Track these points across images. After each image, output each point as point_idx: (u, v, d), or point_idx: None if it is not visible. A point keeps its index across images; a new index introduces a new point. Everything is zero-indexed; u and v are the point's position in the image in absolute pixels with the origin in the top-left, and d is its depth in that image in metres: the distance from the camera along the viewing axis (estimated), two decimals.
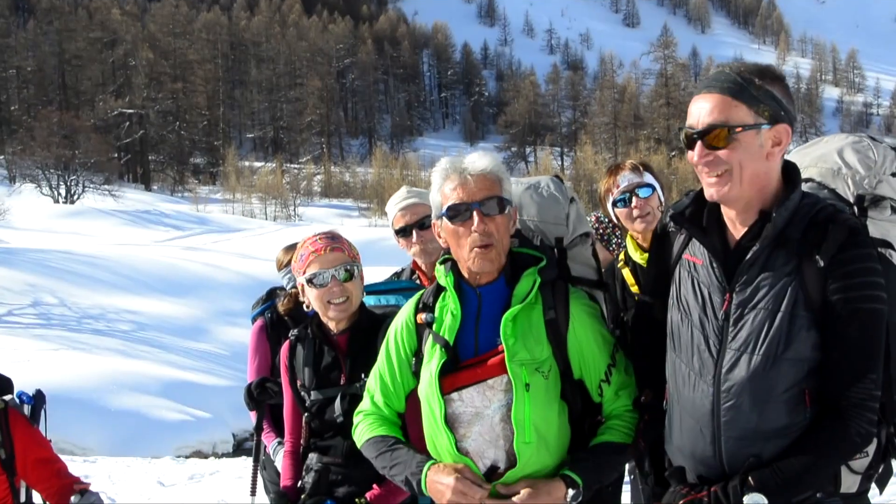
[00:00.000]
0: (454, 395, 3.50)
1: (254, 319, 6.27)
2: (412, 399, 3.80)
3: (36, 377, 17.62)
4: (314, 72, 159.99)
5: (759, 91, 3.07)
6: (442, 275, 3.65)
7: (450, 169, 3.57)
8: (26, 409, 4.71)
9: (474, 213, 3.45)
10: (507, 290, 3.55)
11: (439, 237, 3.64)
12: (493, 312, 3.51)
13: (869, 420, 3.00)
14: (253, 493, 6.23)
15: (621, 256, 5.36)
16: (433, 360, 3.56)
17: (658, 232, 3.56)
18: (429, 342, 3.63)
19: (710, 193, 3.14)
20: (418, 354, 3.71)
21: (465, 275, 3.60)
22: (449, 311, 3.59)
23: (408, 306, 3.82)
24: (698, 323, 3.23)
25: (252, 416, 6.04)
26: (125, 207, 78.38)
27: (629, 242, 5.25)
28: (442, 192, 3.55)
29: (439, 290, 3.69)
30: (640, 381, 3.61)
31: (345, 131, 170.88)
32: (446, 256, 3.69)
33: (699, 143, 3.09)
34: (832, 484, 3.14)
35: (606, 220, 6.62)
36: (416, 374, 3.73)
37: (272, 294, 6.31)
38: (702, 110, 3.09)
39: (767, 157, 3.11)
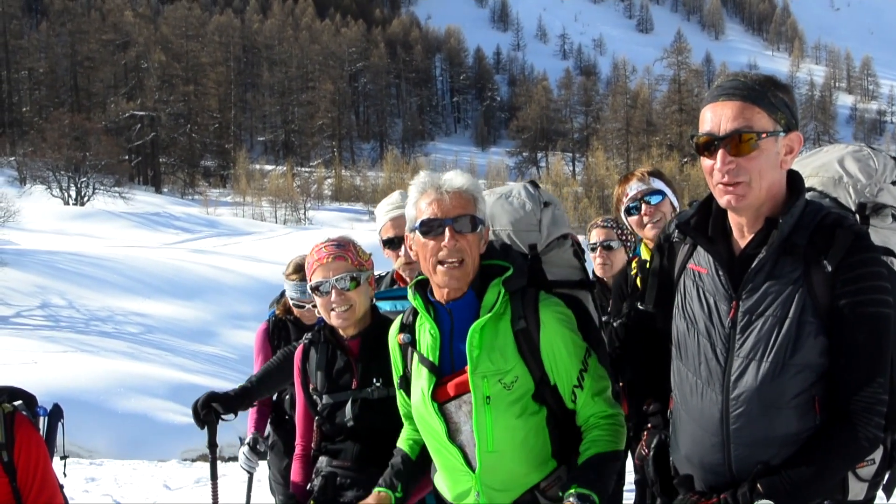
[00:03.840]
0: None
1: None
2: None
3: (44, 379, 17.68)
4: (326, 75, 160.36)
5: (775, 98, 3.07)
6: (411, 297, 3.71)
7: (427, 184, 3.62)
8: (42, 423, 4.69)
9: (446, 230, 3.50)
10: (477, 304, 3.59)
11: (411, 249, 3.69)
12: (465, 328, 3.56)
13: (877, 424, 2.99)
14: None
15: (634, 264, 5.35)
16: (421, 379, 3.65)
17: (661, 242, 3.57)
18: (415, 362, 3.73)
19: (726, 201, 3.11)
20: (404, 373, 3.83)
21: (435, 291, 3.65)
22: (427, 331, 3.66)
23: (394, 327, 3.91)
24: (704, 331, 3.22)
25: (249, 427, 6.08)
26: (135, 210, 78.76)
27: (644, 251, 5.25)
28: (417, 206, 3.61)
29: (416, 309, 3.74)
30: (640, 391, 3.66)
31: (356, 135, 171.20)
32: (418, 279, 3.76)
33: (721, 150, 3.06)
34: (840, 491, 3.13)
35: (625, 225, 6.62)
36: (407, 392, 3.84)
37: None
38: (723, 116, 3.06)
39: (781, 164, 3.11)
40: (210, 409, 5.27)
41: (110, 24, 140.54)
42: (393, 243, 4.95)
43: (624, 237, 6.59)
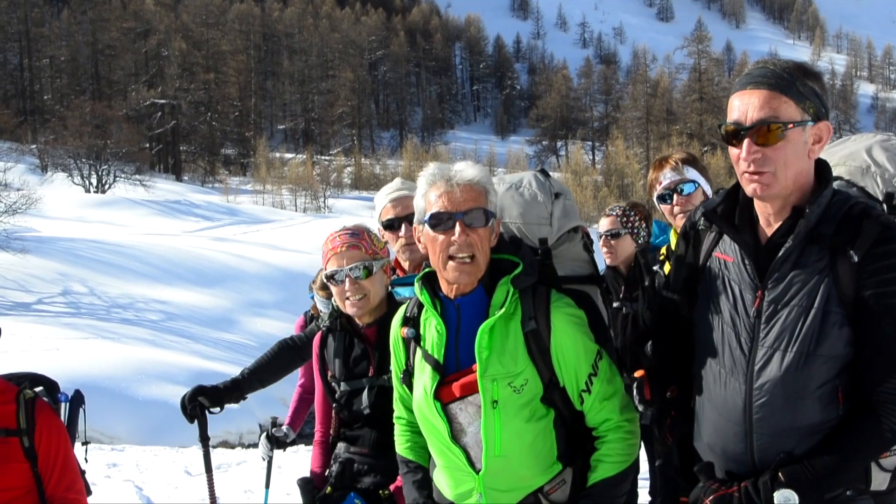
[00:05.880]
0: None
1: None
2: None
3: (65, 366, 17.77)
4: (346, 63, 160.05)
5: (804, 87, 3.03)
6: (418, 291, 3.61)
7: (437, 175, 3.51)
8: (63, 409, 4.72)
9: (457, 224, 3.40)
10: (487, 300, 3.50)
11: (419, 242, 3.59)
12: (472, 325, 3.47)
13: None
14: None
15: (663, 250, 5.36)
16: (424, 376, 3.57)
17: (687, 230, 3.52)
18: (418, 357, 3.64)
19: (752, 190, 3.10)
20: (407, 367, 3.73)
21: (443, 285, 3.56)
22: (433, 327, 3.57)
23: (397, 318, 3.81)
24: (729, 320, 3.20)
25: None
26: (156, 197, 78.79)
27: (673, 237, 5.24)
28: (427, 198, 3.50)
29: (422, 303, 3.65)
30: (664, 378, 3.58)
31: (376, 123, 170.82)
32: (425, 271, 3.65)
33: (747, 139, 3.04)
34: (863, 481, 3.11)
35: (633, 212, 6.61)
36: (409, 386, 3.75)
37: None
38: (750, 105, 3.04)
39: (809, 154, 3.08)
40: (196, 403, 5.29)
41: (131, 12, 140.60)
42: (392, 226, 4.86)
43: (630, 224, 6.60)
